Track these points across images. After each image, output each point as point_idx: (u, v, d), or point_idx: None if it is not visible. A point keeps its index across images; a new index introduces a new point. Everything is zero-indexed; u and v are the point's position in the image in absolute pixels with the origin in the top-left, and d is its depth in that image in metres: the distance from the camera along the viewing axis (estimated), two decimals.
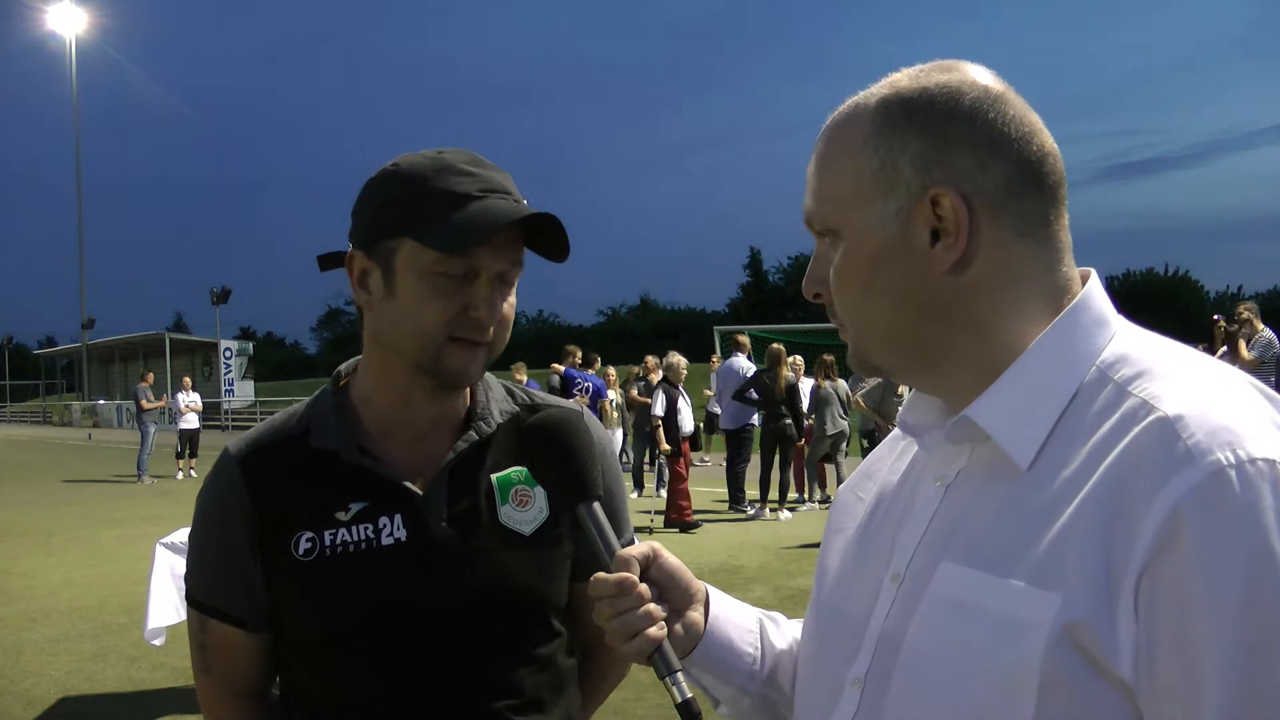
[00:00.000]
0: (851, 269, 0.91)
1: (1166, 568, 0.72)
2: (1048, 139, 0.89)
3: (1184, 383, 0.80)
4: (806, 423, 11.70)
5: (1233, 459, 0.72)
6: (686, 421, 11.46)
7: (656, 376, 13.64)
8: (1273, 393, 0.82)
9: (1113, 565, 0.75)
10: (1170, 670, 0.72)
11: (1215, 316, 10.68)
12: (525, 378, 14.02)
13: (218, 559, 1.35)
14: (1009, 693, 0.77)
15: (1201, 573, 0.71)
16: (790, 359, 11.79)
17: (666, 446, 10.93)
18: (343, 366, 1.45)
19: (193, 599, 1.39)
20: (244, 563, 1.32)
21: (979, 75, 0.89)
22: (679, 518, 10.68)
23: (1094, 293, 0.90)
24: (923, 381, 0.96)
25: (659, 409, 11.10)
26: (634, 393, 14.39)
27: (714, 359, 16.34)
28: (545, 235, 1.30)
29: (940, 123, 0.87)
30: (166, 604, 4.94)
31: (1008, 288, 0.88)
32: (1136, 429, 0.78)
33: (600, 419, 12.71)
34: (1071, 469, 0.80)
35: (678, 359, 11.67)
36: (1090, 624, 0.75)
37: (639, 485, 13.42)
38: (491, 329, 1.30)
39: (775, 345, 11.59)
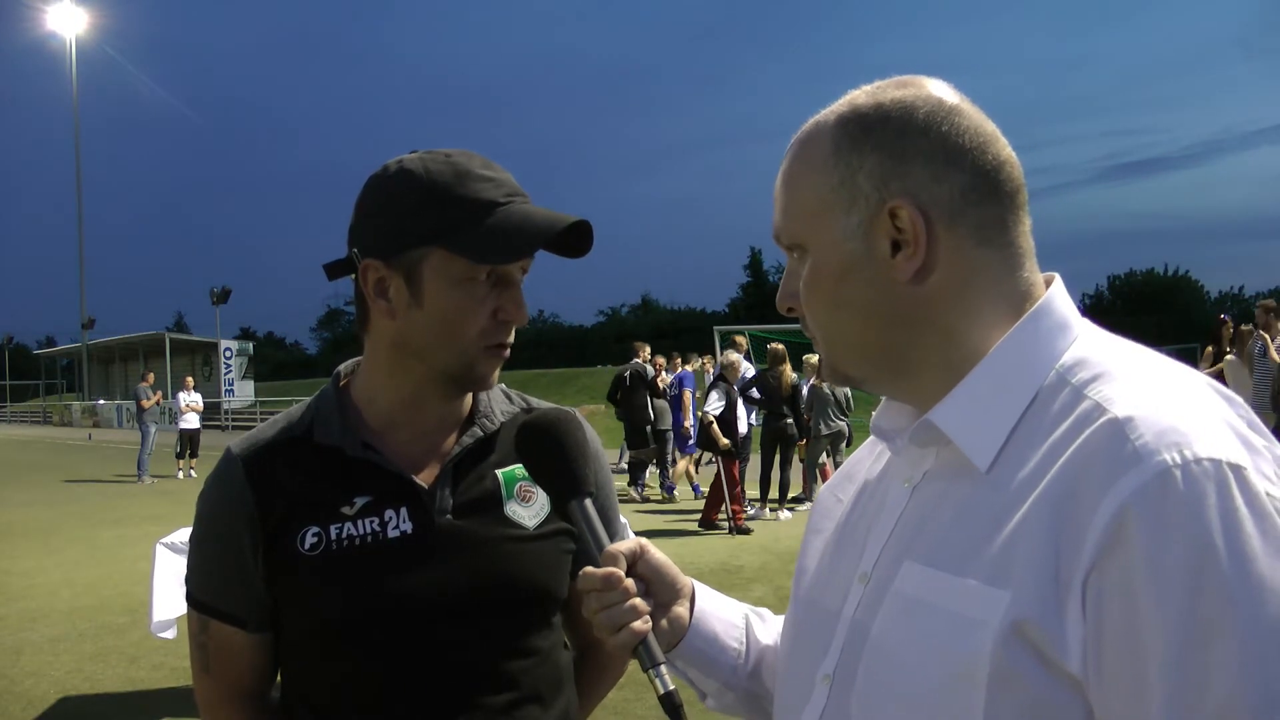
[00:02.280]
0: (819, 282, 0.94)
1: (1113, 566, 0.74)
2: (1004, 148, 0.92)
3: (1137, 385, 0.82)
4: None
5: (1179, 459, 0.74)
6: (742, 421, 10.96)
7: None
8: (1231, 393, 0.85)
9: (1061, 564, 0.77)
10: (1117, 666, 0.74)
11: (1221, 315, 10.65)
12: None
13: (220, 559, 1.36)
14: (961, 688, 0.80)
15: (1146, 570, 0.73)
16: (806, 357, 11.73)
17: (725, 442, 10.39)
18: (342, 367, 1.46)
19: (194, 599, 1.39)
20: (246, 563, 1.32)
21: (934, 89, 0.92)
22: (715, 519, 10.42)
23: (1056, 297, 0.92)
24: (893, 389, 0.98)
25: (713, 407, 10.53)
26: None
27: (706, 359, 16.29)
28: (568, 236, 1.30)
29: (895, 137, 0.89)
30: (171, 597, 4.94)
31: (969, 294, 0.90)
32: (1088, 430, 0.80)
33: (682, 410, 12.61)
34: (1027, 470, 0.83)
35: (736, 357, 11.11)
36: (1039, 621, 0.77)
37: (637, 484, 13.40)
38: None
39: (777, 345, 11.58)
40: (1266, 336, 9.65)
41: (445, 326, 1.29)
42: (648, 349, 13.78)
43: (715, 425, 10.51)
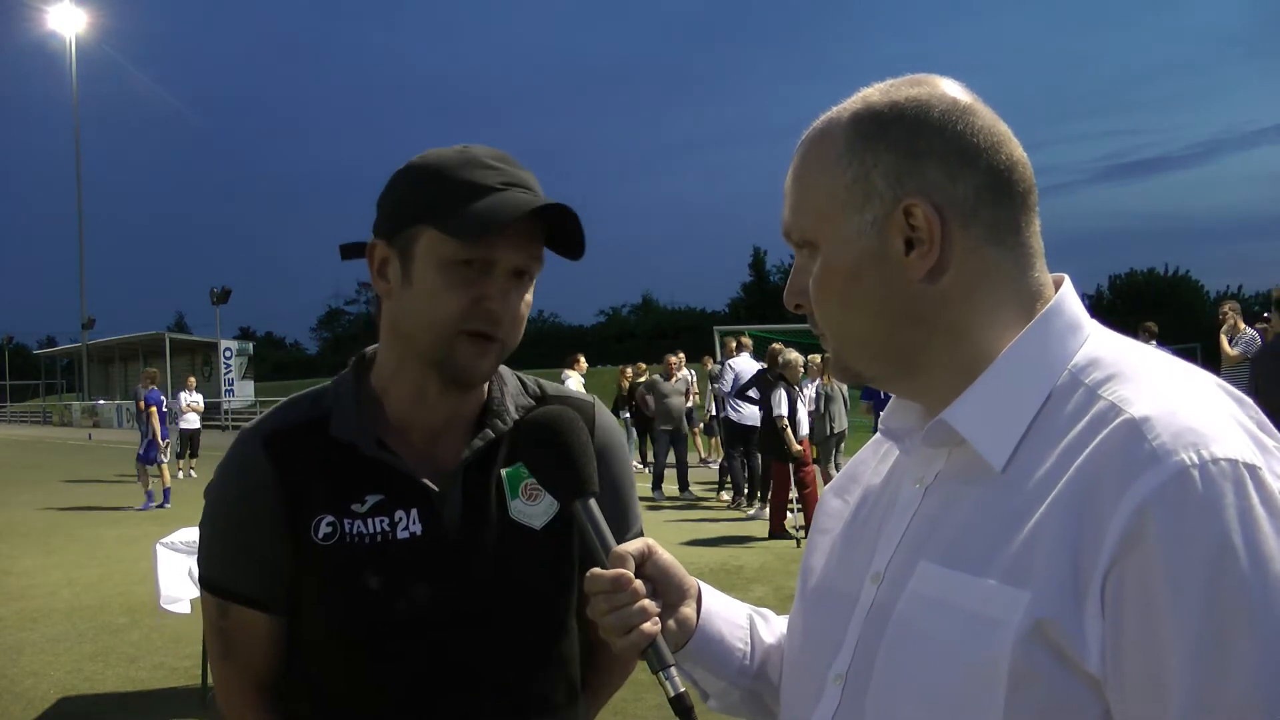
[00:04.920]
0: (830, 280, 0.93)
1: (1132, 565, 0.75)
2: (1016, 148, 0.92)
3: (1152, 385, 0.82)
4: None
5: (1196, 459, 0.75)
6: (803, 423, 10.56)
7: (678, 375, 13.51)
8: (1241, 394, 0.85)
9: (1080, 563, 0.77)
10: (1136, 665, 0.75)
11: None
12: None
13: (240, 540, 1.34)
14: (981, 687, 0.80)
15: (1165, 570, 0.73)
16: (807, 358, 11.67)
17: (798, 448, 10.03)
18: (367, 350, 1.44)
19: (212, 584, 1.37)
20: (269, 541, 1.31)
21: (948, 88, 0.92)
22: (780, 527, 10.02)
23: (1067, 298, 0.92)
24: (902, 388, 0.98)
25: (783, 409, 10.05)
26: (649, 399, 14.13)
27: (707, 359, 16.20)
28: (562, 232, 1.30)
29: (910, 135, 0.89)
30: (177, 578, 4.93)
31: (981, 294, 0.90)
32: (1105, 431, 0.80)
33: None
34: (1043, 470, 0.83)
35: (795, 355, 10.68)
36: (1058, 621, 0.77)
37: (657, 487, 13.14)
38: (504, 323, 1.29)
39: (777, 345, 11.57)
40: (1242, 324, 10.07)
41: (427, 307, 1.28)
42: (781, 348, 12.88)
43: (789, 430, 10.02)
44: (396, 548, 1.29)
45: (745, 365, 12.05)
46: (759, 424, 11.75)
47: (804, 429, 10.56)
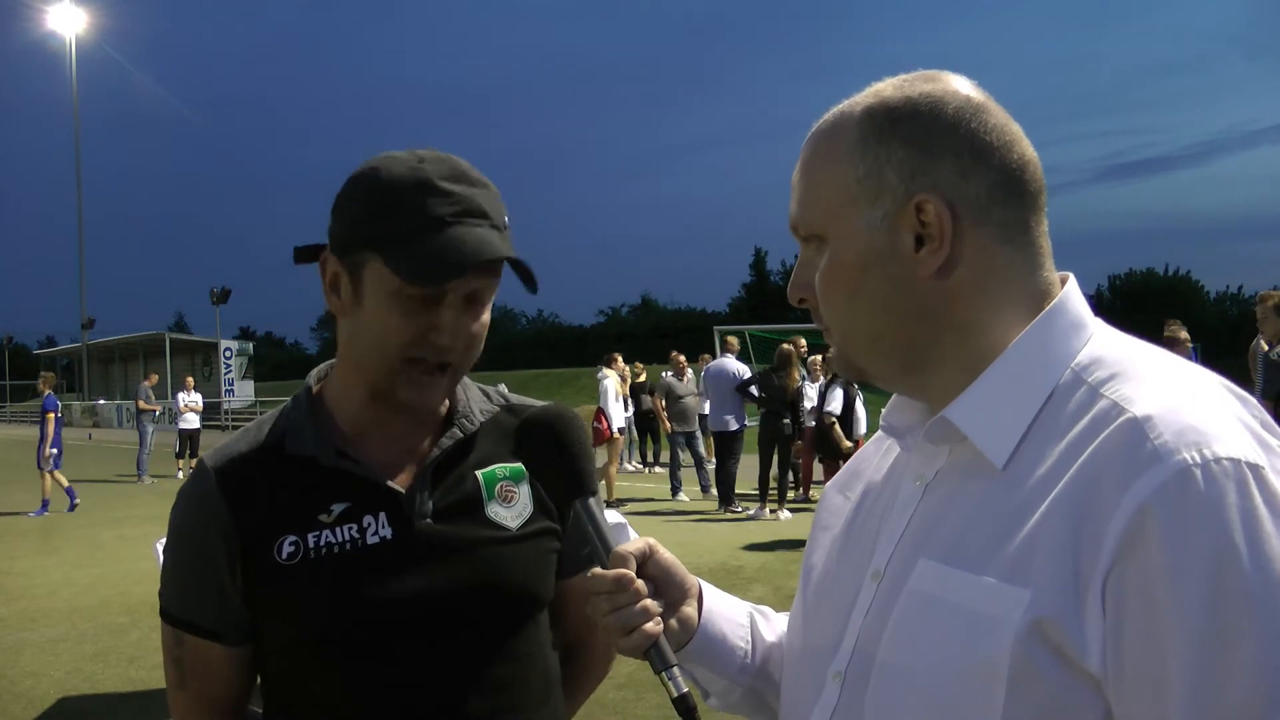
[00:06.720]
0: (837, 274, 0.93)
1: (1133, 565, 0.74)
2: (1028, 148, 0.92)
3: (1155, 384, 0.82)
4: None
5: (1198, 458, 0.74)
6: (861, 422, 10.44)
7: (687, 375, 13.44)
8: (1245, 393, 0.84)
9: (1081, 562, 0.77)
10: (1137, 665, 0.74)
11: None
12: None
13: (194, 573, 1.33)
14: (981, 685, 0.79)
15: (1167, 569, 0.73)
16: (812, 359, 11.58)
17: (848, 444, 9.77)
18: (313, 373, 1.44)
19: (168, 615, 1.36)
20: (221, 576, 1.30)
21: (961, 85, 0.92)
22: None
23: (1071, 296, 0.92)
24: (907, 384, 0.98)
25: (835, 406, 9.96)
26: (659, 400, 13.98)
27: (705, 357, 16.14)
28: (519, 266, 1.27)
29: (924, 131, 0.89)
30: None
31: (990, 292, 0.90)
32: (1107, 430, 0.80)
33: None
34: (1045, 469, 0.82)
35: None
36: (1059, 619, 0.77)
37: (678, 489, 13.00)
38: (455, 351, 1.28)
39: (786, 346, 11.54)
40: None
41: (370, 333, 1.27)
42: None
43: (837, 427, 9.95)
44: (367, 552, 1.28)
45: (727, 368, 11.92)
46: (739, 428, 11.70)
47: (861, 428, 10.48)
